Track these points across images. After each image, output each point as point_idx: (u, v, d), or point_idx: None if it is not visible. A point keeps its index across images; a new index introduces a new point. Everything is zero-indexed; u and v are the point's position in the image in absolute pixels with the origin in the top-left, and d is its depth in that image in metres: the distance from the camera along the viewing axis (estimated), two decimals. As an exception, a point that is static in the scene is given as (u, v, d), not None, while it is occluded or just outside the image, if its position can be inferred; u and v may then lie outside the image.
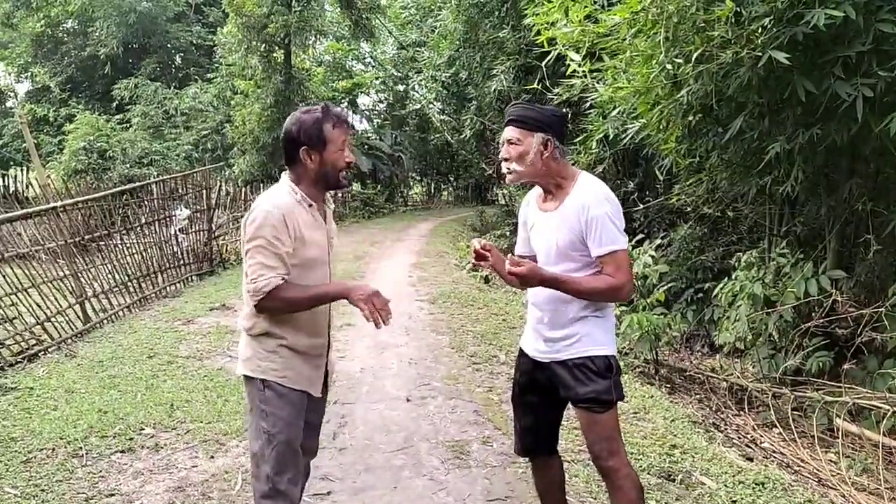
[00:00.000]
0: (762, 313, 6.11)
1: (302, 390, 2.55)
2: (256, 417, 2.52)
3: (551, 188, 2.64)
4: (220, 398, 5.00)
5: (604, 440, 2.57)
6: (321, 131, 2.48)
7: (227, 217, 13.76)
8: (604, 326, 2.61)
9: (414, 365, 5.96)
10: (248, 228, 2.44)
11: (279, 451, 2.48)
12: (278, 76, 20.77)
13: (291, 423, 2.52)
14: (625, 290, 2.53)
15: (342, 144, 2.52)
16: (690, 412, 5.43)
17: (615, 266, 2.49)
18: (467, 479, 3.75)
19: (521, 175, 2.61)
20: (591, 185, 2.57)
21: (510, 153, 2.61)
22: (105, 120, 21.60)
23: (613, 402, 2.57)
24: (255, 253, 2.40)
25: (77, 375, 5.58)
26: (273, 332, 2.51)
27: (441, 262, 12.79)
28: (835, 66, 4.41)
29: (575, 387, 2.57)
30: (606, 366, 2.56)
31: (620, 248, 2.49)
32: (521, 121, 2.59)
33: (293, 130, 2.50)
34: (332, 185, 2.58)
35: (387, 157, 27.75)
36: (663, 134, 6.21)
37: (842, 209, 5.92)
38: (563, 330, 2.60)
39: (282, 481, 2.49)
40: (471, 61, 13.78)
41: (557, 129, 2.59)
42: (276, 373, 2.50)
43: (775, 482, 3.84)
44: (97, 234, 8.67)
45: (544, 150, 2.56)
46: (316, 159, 2.50)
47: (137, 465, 3.91)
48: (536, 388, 2.75)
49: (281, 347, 2.51)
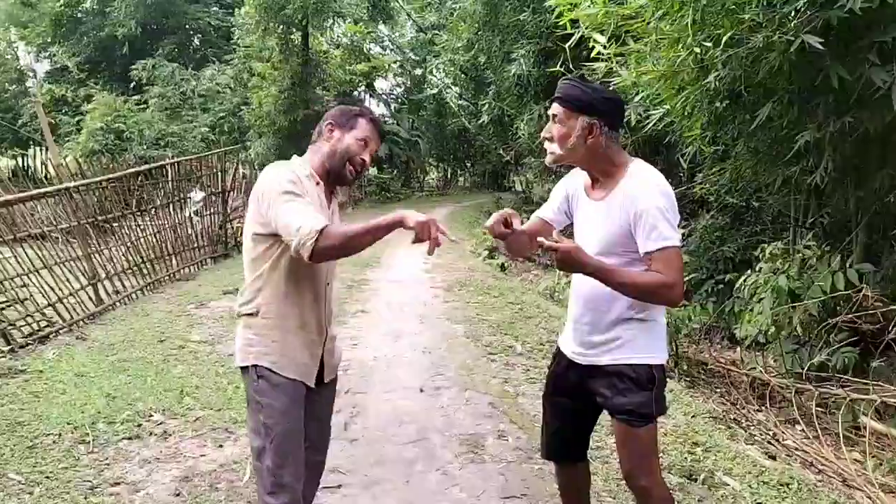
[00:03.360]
0: (787, 307, 5.94)
1: (296, 379, 2.43)
2: (253, 410, 2.42)
3: (598, 175, 2.40)
4: (230, 385, 4.92)
5: (638, 457, 2.37)
6: (354, 118, 2.48)
7: (242, 200, 13.66)
8: (650, 332, 2.37)
9: (428, 354, 5.85)
10: (264, 194, 2.28)
11: (278, 443, 2.36)
12: (296, 59, 20.66)
13: (288, 413, 2.39)
14: (676, 291, 2.23)
15: (366, 138, 2.45)
16: (711, 407, 5.28)
17: (665, 263, 2.21)
18: (481, 474, 3.63)
19: (560, 158, 2.37)
20: (643, 175, 2.30)
21: (552, 132, 2.37)
22: (122, 101, 21.60)
23: (653, 417, 2.35)
24: (287, 206, 2.22)
25: (87, 359, 5.53)
26: (266, 309, 2.38)
27: (456, 248, 12.65)
28: (869, 51, 4.22)
29: (612, 397, 2.36)
30: (648, 377, 2.33)
31: (672, 244, 2.22)
32: (568, 100, 2.33)
33: (331, 110, 2.54)
34: (336, 173, 2.45)
35: (403, 141, 27.59)
36: (688, 121, 6.03)
37: (871, 201, 5.72)
38: (604, 333, 2.38)
39: (284, 475, 2.37)
40: (490, 45, 13.55)
41: (608, 114, 2.32)
42: (269, 357, 2.38)
43: (800, 483, 3.70)
44: (111, 216, 8.62)
45: (588, 135, 2.29)
46: (336, 136, 2.44)
47: (145, 453, 3.84)
48: (569, 391, 2.54)
49: (272, 330, 2.39)
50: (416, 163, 30.84)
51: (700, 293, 8.51)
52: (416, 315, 7.22)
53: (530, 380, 5.21)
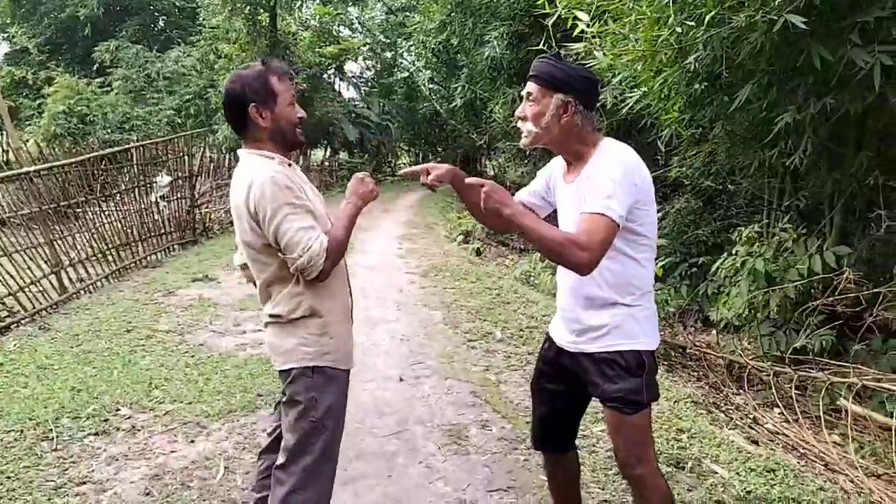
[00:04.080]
0: (764, 290, 5.93)
1: (347, 369, 2.40)
2: (304, 409, 2.29)
3: (571, 158, 2.35)
4: (201, 376, 4.76)
5: (632, 445, 2.30)
6: (267, 84, 2.25)
7: (210, 185, 13.40)
8: (638, 318, 2.30)
9: (406, 342, 5.73)
10: (259, 206, 2.15)
11: (326, 440, 2.30)
12: (263, 40, 20.22)
13: (340, 408, 2.38)
14: (585, 256, 2.04)
15: (291, 98, 2.30)
16: (691, 391, 5.26)
17: (587, 227, 2.07)
18: (466, 466, 3.54)
19: (535, 138, 2.30)
20: (609, 150, 2.23)
21: (526, 112, 2.30)
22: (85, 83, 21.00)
23: (645, 404, 2.28)
24: (289, 221, 2.15)
25: (50, 350, 5.32)
26: (318, 309, 2.29)
27: (430, 233, 12.54)
28: (851, 32, 4.18)
29: (601, 384, 2.29)
30: (638, 362, 2.27)
31: (606, 214, 2.07)
32: (543, 77, 2.27)
33: (236, 89, 2.25)
34: (290, 142, 2.34)
35: (374, 126, 27.28)
36: (665, 103, 5.97)
37: (847, 183, 5.72)
38: (591, 320, 2.31)
39: (324, 470, 2.33)
40: (462, 27, 13.36)
41: (583, 93, 2.26)
42: (328, 356, 2.31)
43: (785, 469, 3.67)
44: (74, 201, 8.33)
45: (563, 113, 2.24)
46: (268, 116, 2.26)
47: (112, 450, 3.67)
48: (559, 379, 2.49)
49: (329, 327, 2.31)
50: (388, 147, 30.54)
51: (674, 276, 8.50)
52: (392, 301, 7.09)
53: (511, 367, 5.13)
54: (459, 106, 16.00)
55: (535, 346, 5.55)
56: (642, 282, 2.31)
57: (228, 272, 8.27)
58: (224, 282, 7.90)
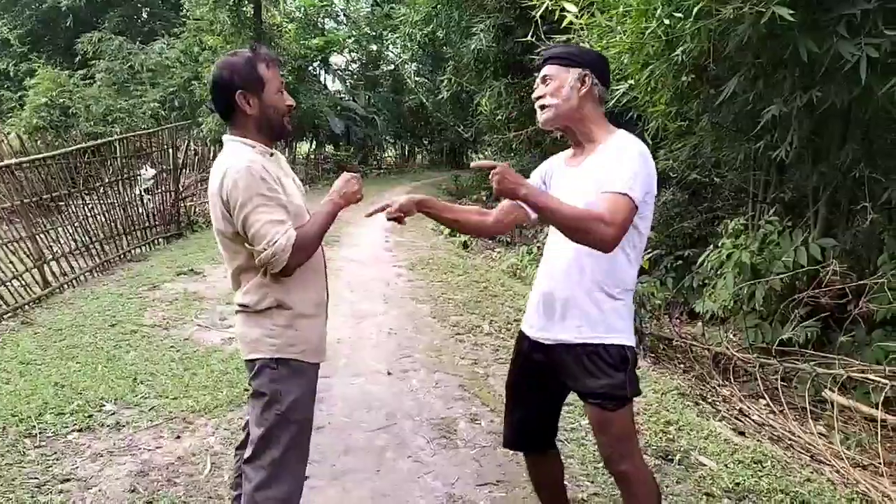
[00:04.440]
0: (750, 282, 5.96)
1: (315, 363, 2.36)
2: (268, 402, 2.25)
3: (581, 139, 2.34)
4: (186, 371, 4.71)
5: (616, 441, 2.28)
6: (255, 70, 2.21)
7: (195, 177, 13.28)
8: (621, 311, 2.28)
9: (394, 335, 5.71)
10: (231, 195, 2.12)
11: (292, 433, 2.25)
12: (248, 32, 20.05)
13: (306, 402, 2.32)
14: (611, 231, 2.05)
15: (280, 86, 2.26)
16: (678, 383, 5.27)
17: (611, 206, 2.08)
18: (455, 460, 3.53)
19: (556, 112, 2.30)
20: (626, 140, 2.26)
21: (542, 91, 2.33)
22: (67, 75, 20.73)
23: (628, 398, 2.27)
24: (258, 213, 2.11)
25: (33, 345, 5.25)
26: (285, 301, 2.25)
27: (417, 226, 12.50)
28: (838, 24, 4.18)
29: (583, 378, 2.26)
30: (622, 357, 2.24)
31: (629, 194, 2.09)
32: (558, 57, 2.33)
33: (224, 75, 2.21)
34: (277, 131, 2.30)
35: (360, 118, 27.16)
36: (652, 96, 5.97)
37: (832, 176, 5.75)
38: (573, 310, 2.27)
39: (290, 463, 2.27)
40: (449, 19, 13.32)
41: (599, 67, 2.33)
42: (294, 349, 2.27)
43: (772, 460, 3.69)
44: (57, 194, 8.22)
45: (581, 85, 2.28)
46: (255, 103, 2.22)
47: (96, 446, 3.62)
48: (535, 376, 2.44)
49: (296, 319, 2.27)
50: (374, 140, 30.42)
51: (659, 269, 8.53)
52: (379, 295, 7.06)
53: (499, 360, 5.12)
54: (445, 98, 15.95)
55: (523, 340, 5.54)
56: (629, 276, 2.29)
57: (214, 266, 8.21)
58: (209, 276, 7.84)
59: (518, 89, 11.43)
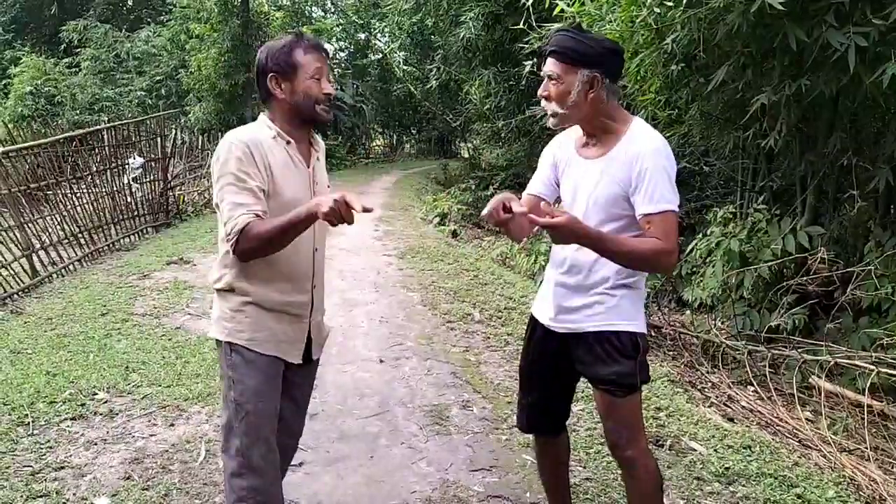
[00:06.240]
0: (739, 270, 6.01)
1: (275, 356, 2.26)
2: (226, 386, 2.25)
3: (596, 132, 2.26)
4: (179, 359, 4.71)
5: (624, 427, 2.29)
6: (290, 56, 2.19)
7: (183, 166, 13.22)
8: (634, 299, 2.28)
9: (385, 323, 5.73)
10: (213, 166, 2.16)
11: (249, 422, 2.20)
12: (235, 19, 19.90)
13: (262, 391, 2.23)
14: (673, 258, 2.14)
15: (316, 72, 2.20)
16: (668, 370, 5.32)
17: (664, 230, 2.09)
18: (448, 446, 3.55)
19: (564, 119, 2.23)
20: (648, 134, 2.19)
21: (549, 92, 2.20)
22: (53, 63, 20.56)
23: (637, 386, 2.28)
24: (225, 192, 2.10)
25: (24, 334, 5.23)
26: (238, 286, 2.21)
27: (406, 215, 12.51)
28: (827, 13, 4.21)
29: (594, 365, 2.26)
30: (633, 344, 2.24)
31: (674, 209, 2.11)
32: (564, 52, 2.16)
33: (262, 59, 2.21)
34: (308, 117, 2.24)
35: (348, 107, 27.03)
36: (642, 85, 5.99)
37: (820, 164, 5.80)
38: (586, 297, 2.26)
39: (253, 455, 2.21)
40: (437, 7, 13.27)
41: (609, 65, 2.19)
42: (243, 335, 2.22)
43: (761, 445, 3.74)
44: (44, 183, 8.17)
45: (590, 89, 2.15)
46: (286, 88, 2.20)
47: (90, 434, 3.62)
48: (547, 362, 2.44)
49: (247, 306, 2.22)
50: (362, 129, 30.29)
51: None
52: (370, 283, 7.07)
53: (491, 347, 5.15)
54: (434, 87, 15.90)
55: (513, 327, 5.58)
56: None
57: (203, 255, 8.18)
58: (199, 264, 7.81)
59: (507, 78, 11.40)
